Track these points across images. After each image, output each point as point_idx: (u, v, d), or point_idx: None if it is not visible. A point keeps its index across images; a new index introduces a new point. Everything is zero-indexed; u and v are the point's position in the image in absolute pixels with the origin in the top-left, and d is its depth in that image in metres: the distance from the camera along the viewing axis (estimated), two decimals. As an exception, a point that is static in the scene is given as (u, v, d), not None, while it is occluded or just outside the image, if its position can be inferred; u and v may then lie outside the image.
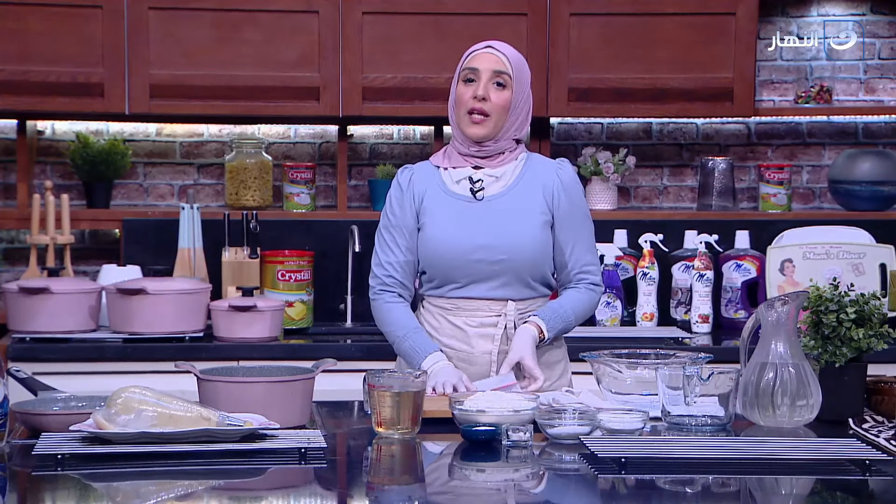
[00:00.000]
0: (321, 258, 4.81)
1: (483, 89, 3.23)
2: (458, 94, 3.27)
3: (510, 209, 3.26)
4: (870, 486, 2.48)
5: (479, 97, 3.23)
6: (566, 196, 3.30)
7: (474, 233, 3.24)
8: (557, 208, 3.29)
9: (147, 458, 2.52)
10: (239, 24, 4.70)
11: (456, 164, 3.30)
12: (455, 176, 3.30)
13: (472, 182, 3.29)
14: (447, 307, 3.28)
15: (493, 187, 3.29)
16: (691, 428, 2.85)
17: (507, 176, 3.30)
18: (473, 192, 3.28)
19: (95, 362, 4.24)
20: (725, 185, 5.01)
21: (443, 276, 3.27)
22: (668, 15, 4.80)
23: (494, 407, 2.80)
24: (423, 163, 3.39)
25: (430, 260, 3.27)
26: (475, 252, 3.24)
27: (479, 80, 3.24)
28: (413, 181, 3.32)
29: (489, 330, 3.26)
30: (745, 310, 4.78)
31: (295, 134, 5.11)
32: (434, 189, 3.30)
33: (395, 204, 3.33)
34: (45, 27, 4.63)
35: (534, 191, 3.28)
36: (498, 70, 3.24)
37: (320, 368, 2.91)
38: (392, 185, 3.36)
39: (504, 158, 3.30)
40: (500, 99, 3.24)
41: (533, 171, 3.31)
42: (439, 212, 3.28)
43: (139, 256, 4.75)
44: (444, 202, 3.29)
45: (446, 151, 3.34)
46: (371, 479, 2.58)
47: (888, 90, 5.19)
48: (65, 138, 5.03)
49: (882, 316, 3.00)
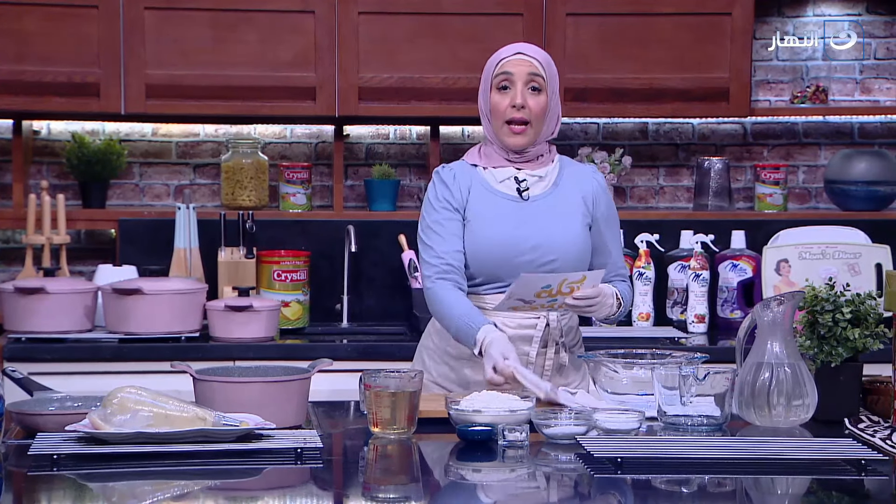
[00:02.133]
0: (317, 258, 4.80)
1: (521, 97, 3.21)
2: (494, 103, 3.24)
3: (555, 210, 3.26)
4: (865, 485, 2.48)
5: (517, 105, 3.21)
6: (605, 200, 3.34)
7: (526, 233, 3.22)
8: (597, 212, 3.31)
9: (143, 459, 2.52)
10: (235, 24, 4.70)
11: (497, 164, 3.29)
12: (498, 175, 3.28)
13: (517, 182, 3.28)
14: (486, 307, 3.23)
15: (536, 187, 3.28)
16: (687, 428, 2.85)
17: (549, 177, 3.30)
18: (520, 192, 3.27)
19: (91, 362, 4.24)
20: (721, 185, 5.01)
21: (488, 274, 3.24)
22: (664, 15, 4.80)
23: (491, 407, 2.81)
24: (459, 162, 3.36)
25: (478, 258, 3.24)
26: (527, 253, 3.22)
27: (514, 87, 3.22)
28: (457, 177, 3.29)
29: (528, 332, 3.24)
30: (740, 310, 4.78)
31: (291, 134, 5.11)
32: (478, 187, 3.28)
33: (442, 198, 3.27)
34: (40, 27, 4.63)
35: (574, 193, 3.29)
36: (533, 73, 3.23)
37: (316, 368, 2.91)
38: (433, 182, 3.31)
39: (543, 160, 3.31)
40: (538, 105, 3.23)
41: (569, 174, 3.32)
42: (486, 210, 3.25)
43: (135, 256, 4.75)
44: (491, 201, 3.26)
45: (482, 150, 3.32)
46: (367, 480, 2.58)
47: (884, 90, 5.20)
48: (61, 138, 5.02)
49: (878, 316, 3.00)
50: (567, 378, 3.28)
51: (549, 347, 3.24)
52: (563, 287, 3.10)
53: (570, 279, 3.10)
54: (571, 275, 3.11)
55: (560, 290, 3.10)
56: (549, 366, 3.24)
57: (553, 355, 3.24)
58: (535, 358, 3.22)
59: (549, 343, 3.24)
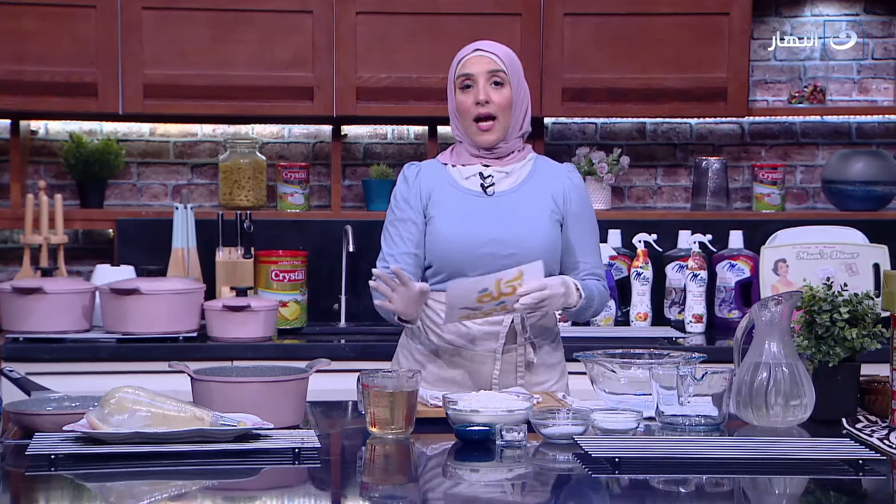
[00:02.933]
0: (315, 258, 4.80)
1: (484, 93, 3.24)
2: (459, 102, 3.27)
3: (520, 205, 3.26)
4: (863, 485, 2.48)
5: (480, 101, 3.23)
6: (577, 198, 3.31)
7: (484, 226, 3.23)
8: (568, 210, 3.30)
9: (141, 459, 2.52)
10: (233, 24, 4.70)
11: (465, 162, 3.31)
12: (465, 172, 3.30)
13: (482, 178, 3.29)
14: None
15: (502, 183, 3.29)
16: (685, 428, 2.85)
17: (517, 173, 3.30)
18: (484, 188, 3.28)
19: (89, 362, 4.24)
20: (719, 185, 5.01)
21: (450, 269, 3.25)
22: (662, 15, 4.80)
23: (488, 407, 2.80)
24: (430, 160, 3.39)
25: (438, 253, 3.25)
26: (485, 246, 3.22)
27: (476, 85, 3.25)
28: (420, 176, 3.31)
29: (494, 328, 3.24)
30: (738, 309, 4.78)
31: (289, 134, 5.11)
32: (443, 184, 3.30)
33: (402, 198, 3.31)
34: (38, 27, 4.62)
35: (544, 190, 3.29)
36: (492, 70, 3.25)
37: (314, 368, 2.91)
38: (398, 180, 3.35)
39: (513, 157, 3.31)
40: (502, 97, 3.25)
41: (542, 172, 3.32)
42: (449, 206, 3.27)
43: (133, 256, 4.75)
44: (454, 196, 3.28)
45: (454, 150, 3.35)
46: (365, 480, 2.58)
47: (881, 90, 5.20)
48: (58, 138, 5.02)
49: (875, 316, 3.00)
50: (540, 377, 3.28)
51: (517, 344, 3.24)
52: (501, 287, 3.06)
53: (505, 278, 3.06)
54: (505, 273, 3.07)
55: (500, 290, 3.06)
56: (520, 362, 3.24)
57: (522, 352, 3.24)
58: (501, 354, 3.23)
59: (519, 340, 3.24)
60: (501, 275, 3.07)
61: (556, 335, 3.35)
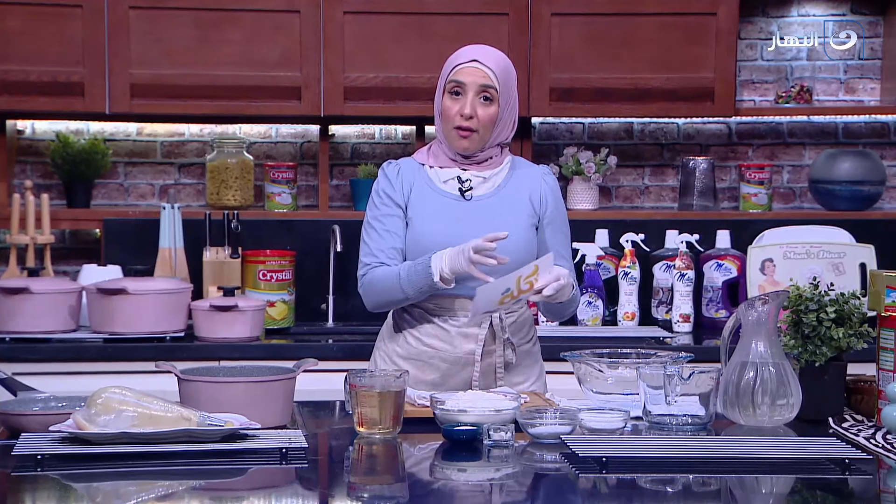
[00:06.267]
0: (303, 258, 4.80)
1: (470, 107, 3.21)
2: (445, 107, 3.25)
3: (498, 210, 3.26)
4: (850, 485, 2.49)
5: (465, 115, 3.22)
6: (553, 200, 3.32)
7: (463, 230, 3.22)
8: (544, 213, 3.30)
9: (127, 459, 2.51)
10: (220, 24, 4.69)
11: (443, 164, 3.30)
12: (443, 175, 3.30)
13: (460, 182, 3.28)
14: (430, 306, 3.27)
15: (481, 188, 3.29)
16: (672, 427, 2.85)
17: (494, 178, 3.30)
18: (462, 192, 3.28)
19: (75, 362, 4.23)
20: (706, 184, 5.02)
21: None
22: (650, 15, 4.81)
23: (476, 407, 2.81)
24: (407, 158, 3.38)
25: (417, 256, 3.26)
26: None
27: (465, 96, 3.22)
28: (402, 174, 3.30)
29: (473, 330, 3.25)
30: (725, 309, 4.79)
31: (276, 133, 5.10)
32: (421, 184, 3.29)
33: (385, 193, 3.29)
34: (24, 26, 4.62)
35: (521, 193, 3.29)
36: (484, 84, 3.22)
37: (301, 368, 2.91)
38: (379, 177, 3.33)
39: (491, 162, 3.31)
40: (487, 115, 3.23)
41: (519, 175, 3.32)
42: (428, 208, 3.26)
43: (120, 256, 4.74)
44: (433, 199, 3.28)
45: (431, 150, 3.34)
46: (352, 479, 2.58)
47: (868, 90, 5.21)
48: (45, 138, 5.01)
49: (862, 315, 3.01)
50: (518, 377, 3.28)
51: (496, 345, 3.24)
52: (521, 285, 3.07)
53: (524, 275, 3.07)
54: (523, 269, 3.08)
55: (520, 288, 3.08)
56: (499, 363, 3.24)
57: (501, 353, 3.24)
58: (480, 356, 3.23)
59: (497, 341, 3.24)
60: (520, 272, 3.07)
61: (533, 336, 3.36)
